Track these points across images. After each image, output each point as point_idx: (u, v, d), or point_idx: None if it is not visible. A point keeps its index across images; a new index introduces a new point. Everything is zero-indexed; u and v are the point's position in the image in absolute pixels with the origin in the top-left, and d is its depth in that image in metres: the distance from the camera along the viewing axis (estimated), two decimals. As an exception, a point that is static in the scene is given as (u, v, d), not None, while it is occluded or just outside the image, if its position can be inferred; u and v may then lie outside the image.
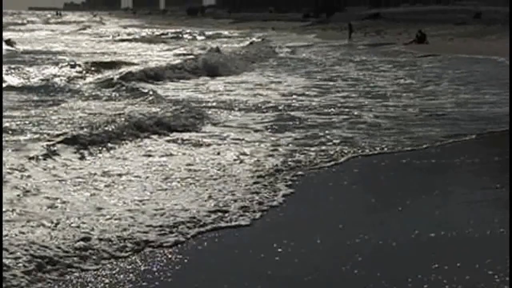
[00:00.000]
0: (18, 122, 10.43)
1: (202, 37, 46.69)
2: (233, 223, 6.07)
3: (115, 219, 5.95)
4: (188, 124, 10.74)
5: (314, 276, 5.03)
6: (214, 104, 13.52)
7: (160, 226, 5.87)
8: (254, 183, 7.31)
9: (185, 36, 48.12)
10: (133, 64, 22.04)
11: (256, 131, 10.49)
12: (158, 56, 27.34)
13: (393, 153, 9.14)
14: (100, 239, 5.45)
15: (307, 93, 15.45)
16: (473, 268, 5.11)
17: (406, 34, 41.10)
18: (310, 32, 53.67)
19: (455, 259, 5.27)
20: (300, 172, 7.87)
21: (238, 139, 9.78)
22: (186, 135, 9.95)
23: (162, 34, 51.01)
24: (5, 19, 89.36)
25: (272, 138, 9.85)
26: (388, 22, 56.07)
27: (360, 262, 5.25)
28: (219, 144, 9.39)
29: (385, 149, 9.28)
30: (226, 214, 6.25)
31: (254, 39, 42.28)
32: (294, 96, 14.70)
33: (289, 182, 7.42)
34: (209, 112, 12.25)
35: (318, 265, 5.22)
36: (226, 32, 56.77)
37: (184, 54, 27.02)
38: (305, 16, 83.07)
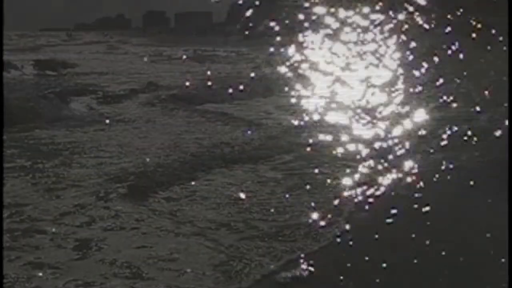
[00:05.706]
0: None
1: (232, 55, 50.06)
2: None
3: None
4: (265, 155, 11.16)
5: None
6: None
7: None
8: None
9: (219, 54, 51.34)
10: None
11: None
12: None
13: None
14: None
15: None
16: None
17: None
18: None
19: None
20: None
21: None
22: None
23: (195, 52, 54.27)
24: (29, 41, 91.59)
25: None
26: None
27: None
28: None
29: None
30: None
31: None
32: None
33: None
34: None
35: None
36: (244, 49, 59.81)
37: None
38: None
